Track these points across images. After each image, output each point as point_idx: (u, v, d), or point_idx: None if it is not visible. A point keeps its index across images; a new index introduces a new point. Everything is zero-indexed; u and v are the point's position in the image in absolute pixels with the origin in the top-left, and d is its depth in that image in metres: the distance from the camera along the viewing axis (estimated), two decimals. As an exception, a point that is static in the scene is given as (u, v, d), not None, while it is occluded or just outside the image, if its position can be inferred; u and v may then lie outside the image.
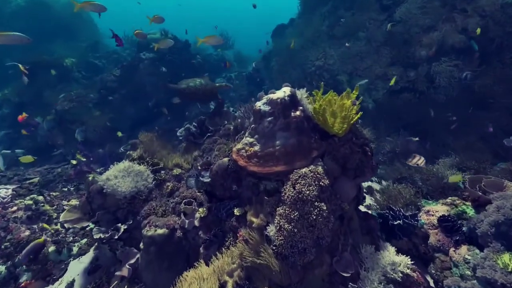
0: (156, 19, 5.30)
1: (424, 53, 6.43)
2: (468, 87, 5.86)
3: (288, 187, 2.35)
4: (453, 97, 5.98)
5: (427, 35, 6.45)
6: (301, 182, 2.27)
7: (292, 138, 2.56)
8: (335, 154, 2.65)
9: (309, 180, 2.26)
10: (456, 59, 6.06)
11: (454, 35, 6.17)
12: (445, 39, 6.29)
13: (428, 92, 6.24)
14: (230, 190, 3.02)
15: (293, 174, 2.39)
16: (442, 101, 6.03)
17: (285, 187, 2.39)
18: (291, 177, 2.38)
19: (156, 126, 7.23)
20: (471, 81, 5.57)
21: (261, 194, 2.84)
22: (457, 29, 6.17)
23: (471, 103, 5.89)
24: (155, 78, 7.51)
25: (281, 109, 2.61)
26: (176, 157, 4.04)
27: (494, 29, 5.89)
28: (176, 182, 3.64)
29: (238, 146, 2.89)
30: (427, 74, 6.34)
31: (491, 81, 5.75)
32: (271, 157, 2.56)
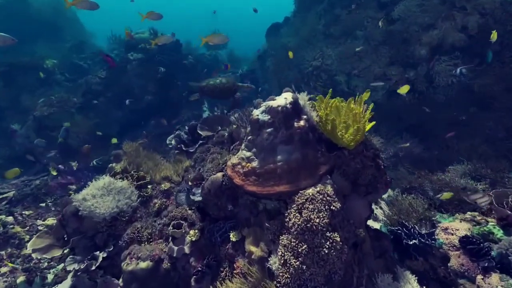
0: (152, 16, 4.78)
1: (424, 52, 6.15)
2: (467, 87, 5.62)
3: (293, 212, 1.96)
4: (453, 97, 5.73)
5: (426, 34, 6.16)
6: (308, 207, 1.88)
7: (296, 152, 2.17)
8: (345, 169, 2.28)
9: (318, 205, 1.88)
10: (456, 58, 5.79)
11: (454, 34, 5.90)
12: (445, 38, 6.01)
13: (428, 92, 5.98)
14: (225, 209, 2.62)
15: (298, 196, 2.01)
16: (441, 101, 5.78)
17: (290, 211, 2.00)
18: (296, 199, 2.00)
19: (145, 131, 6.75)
20: (466, 77, 5.33)
21: (261, 214, 2.45)
22: (457, 28, 5.90)
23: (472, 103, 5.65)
24: (144, 80, 7.00)
25: (282, 119, 2.22)
26: (165, 168, 3.61)
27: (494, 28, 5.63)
28: (164, 198, 3.21)
29: (233, 160, 2.48)
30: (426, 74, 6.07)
31: (490, 80, 5.51)
32: (272, 175, 2.17)
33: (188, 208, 3.04)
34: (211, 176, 2.62)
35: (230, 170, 2.46)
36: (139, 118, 6.95)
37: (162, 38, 4.69)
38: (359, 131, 2.04)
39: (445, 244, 2.50)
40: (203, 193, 2.60)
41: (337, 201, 1.95)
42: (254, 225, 2.46)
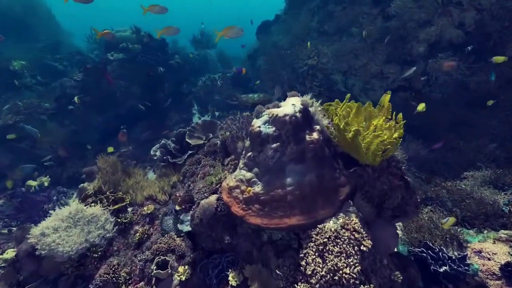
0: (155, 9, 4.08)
1: (422, 49, 5.85)
2: (462, 83, 5.36)
3: (312, 254, 1.48)
4: (449, 95, 5.46)
5: (423, 30, 5.85)
6: (333, 249, 1.40)
7: (310, 173, 1.68)
8: (369, 190, 1.82)
9: (346, 246, 1.40)
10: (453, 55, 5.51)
11: (451, 30, 5.61)
12: (442, 34, 5.71)
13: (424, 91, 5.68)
14: (221, 241, 2.10)
15: (317, 232, 1.53)
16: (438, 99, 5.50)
17: (307, 252, 1.52)
18: (315, 237, 1.52)
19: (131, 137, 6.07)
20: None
21: (266, 247, 1.95)
22: (454, 24, 5.62)
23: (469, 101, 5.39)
24: (127, 82, 6.31)
25: (291, 131, 1.73)
26: (149, 186, 3.04)
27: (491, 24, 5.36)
28: (147, 224, 2.65)
29: (230, 181, 1.97)
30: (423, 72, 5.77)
31: (487, 77, 5.27)
32: (281, 204, 1.67)
33: (176, 235, 2.50)
34: (202, 201, 2.09)
35: (227, 194, 1.94)
36: (122, 124, 6.26)
37: (169, 30, 4.01)
38: (392, 145, 1.58)
39: (481, 270, 2.09)
40: (193, 223, 2.06)
41: (367, 237, 1.48)
42: (257, 261, 1.96)
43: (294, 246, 1.81)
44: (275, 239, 1.93)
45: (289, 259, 1.70)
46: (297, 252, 1.75)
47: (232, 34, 3.55)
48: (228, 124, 2.34)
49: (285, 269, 1.63)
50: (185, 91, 8.06)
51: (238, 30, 3.56)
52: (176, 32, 4.10)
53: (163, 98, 7.18)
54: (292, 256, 1.73)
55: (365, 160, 1.74)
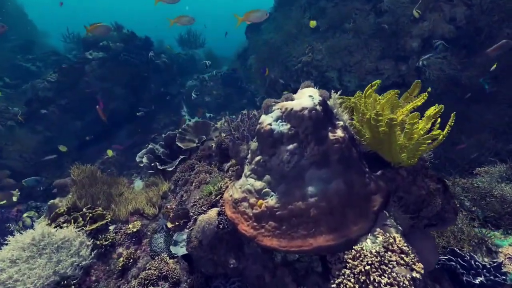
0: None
1: (416, 44, 5.74)
2: (454, 78, 5.29)
3: (351, 285, 1.12)
4: (442, 90, 5.37)
5: (416, 26, 5.74)
6: (379, 280, 1.06)
7: (336, 180, 1.34)
8: (403, 197, 1.50)
9: (395, 275, 1.06)
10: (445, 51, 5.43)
11: (443, 25, 5.53)
12: (435, 29, 5.62)
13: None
14: (225, 265, 1.71)
15: (354, 256, 1.18)
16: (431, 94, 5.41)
17: (343, 284, 1.16)
18: (352, 263, 1.17)
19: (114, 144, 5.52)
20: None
21: (280, 271, 1.59)
22: (446, 19, 5.55)
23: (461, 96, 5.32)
24: (108, 83, 5.75)
25: (311, 128, 1.38)
26: (134, 198, 2.59)
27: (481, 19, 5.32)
28: (133, 245, 2.20)
29: (234, 193, 1.59)
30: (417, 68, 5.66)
31: (478, 72, 5.22)
32: (303, 219, 1.31)
33: (168, 256, 2.07)
34: (201, 218, 1.69)
35: (231, 209, 1.56)
36: (104, 129, 5.69)
37: (183, 19, 3.58)
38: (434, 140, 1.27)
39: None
40: (190, 246, 1.66)
41: (417, 260, 1.15)
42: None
43: (317, 270, 1.46)
44: (291, 260, 1.57)
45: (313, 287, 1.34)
46: (323, 278, 1.40)
47: (255, 18, 3.25)
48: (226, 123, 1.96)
49: (311, 303, 1.27)
50: (173, 91, 7.56)
51: (263, 13, 3.27)
52: (190, 21, 3.66)
53: (150, 99, 6.66)
54: (317, 284, 1.37)
55: (399, 160, 1.42)
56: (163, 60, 7.08)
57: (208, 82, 7.90)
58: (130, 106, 6.24)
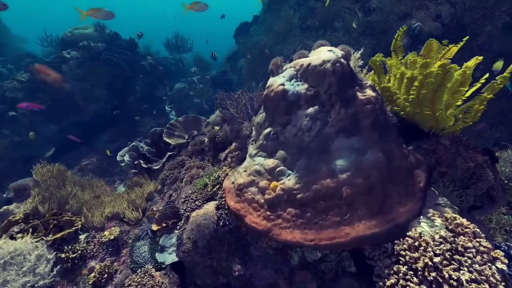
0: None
1: (405, 41, 5.75)
2: None
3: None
4: None
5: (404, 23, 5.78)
6: (459, 277, 0.73)
7: (372, 150, 1.03)
8: (447, 172, 1.21)
9: (479, 267, 0.74)
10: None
11: (430, 23, 5.60)
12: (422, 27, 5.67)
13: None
14: (227, 273, 1.32)
15: (410, 245, 0.85)
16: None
17: (397, 285, 0.82)
18: (409, 255, 0.84)
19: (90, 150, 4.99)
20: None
21: (300, 276, 1.24)
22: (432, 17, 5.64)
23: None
24: (88, 84, 5.28)
25: (335, 86, 1.08)
26: (113, 201, 2.14)
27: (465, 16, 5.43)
28: (110, 256, 1.75)
29: (238, 177, 1.24)
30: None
31: None
32: (333, 203, 0.98)
33: (154, 268, 1.64)
34: (195, 213, 1.31)
35: (234, 197, 1.20)
36: (83, 134, 5.16)
37: (197, 5, 3.37)
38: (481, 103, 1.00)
39: None
40: (182, 249, 1.27)
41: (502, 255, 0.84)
42: (289, 300, 1.22)
43: (350, 270, 1.12)
44: (312, 261, 1.22)
45: (351, 295, 0.99)
46: (360, 280, 1.06)
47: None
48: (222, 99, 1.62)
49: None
50: (160, 94, 7.15)
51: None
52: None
53: (135, 102, 6.21)
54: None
55: (444, 124, 1.14)
56: (149, 61, 6.71)
57: (197, 84, 7.57)
58: (114, 109, 5.75)
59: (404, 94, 1.16)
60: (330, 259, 1.20)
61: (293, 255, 1.28)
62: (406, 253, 0.84)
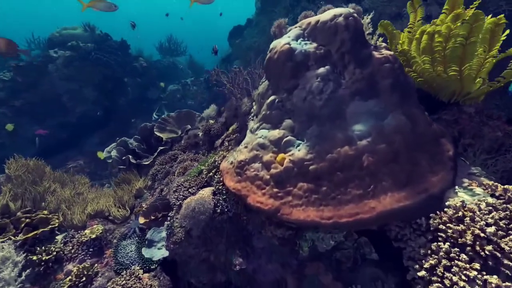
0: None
1: (398, 40, 5.82)
2: None
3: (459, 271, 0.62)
4: None
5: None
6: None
7: (394, 114, 0.89)
8: (472, 143, 1.08)
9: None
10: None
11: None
12: (414, 26, 5.76)
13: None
14: (227, 268, 1.13)
15: (450, 218, 0.69)
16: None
17: (436, 268, 0.66)
18: (449, 228, 0.68)
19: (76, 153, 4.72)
20: None
21: (311, 268, 1.07)
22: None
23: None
24: (76, 84, 5.05)
25: (349, 44, 0.94)
26: (97, 198, 1.92)
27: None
28: (91, 257, 1.53)
29: (238, 155, 1.07)
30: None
31: None
32: (352, 173, 0.82)
33: (142, 269, 1.43)
34: (188, 200, 1.13)
35: (234, 178, 1.03)
36: (71, 135, 4.89)
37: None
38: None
39: None
40: (173, 240, 1.08)
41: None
42: (299, 297, 1.03)
43: (371, 257, 0.95)
44: (324, 250, 1.05)
45: (377, 285, 0.82)
46: (385, 268, 0.89)
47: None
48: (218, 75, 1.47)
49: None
50: (152, 96, 6.95)
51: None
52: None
53: (126, 103, 5.99)
54: (378, 279, 0.86)
55: (470, 88, 1.02)
56: (141, 63, 6.54)
57: (191, 86, 7.42)
58: (104, 111, 5.52)
59: (423, 57, 1.04)
60: (346, 246, 1.03)
61: (302, 244, 1.10)
62: (448, 227, 0.69)
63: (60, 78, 4.94)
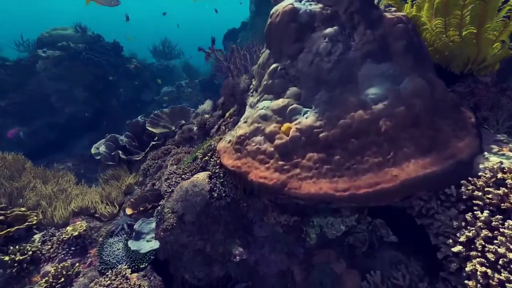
0: None
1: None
2: None
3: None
4: None
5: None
6: None
7: (411, 77, 0.80)
8: (489, 117, 1.00)
9: None
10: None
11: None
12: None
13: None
14: (225, 260, 0.99)
15: (486, 182, 0.59)
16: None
17: (476, 239, 0.55)
18: (490, 192, 0.57)
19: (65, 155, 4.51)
20: None
21: (320, 256, 0.94)
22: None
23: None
24: (66, 85, 4.88)
25: (357, 3, 0.85)
26: (81, 194, 1.76)
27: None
28: (72, 257, 1.36)
29: (237, 131, 0.96)
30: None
31: None
32: (369, 139, 0.72)
33: (129, 269, 1.27)
34: (182, 183, 1.00)
35: (233, 155, 0.91)
36: (59, 137, 4.68)
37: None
38: None
39: None
40: (163, 227, 0.94)
41: None
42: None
43: (389, 239, 0.84)
44: (334, 237, 0.93)
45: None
46: (405, 250, 0.78)
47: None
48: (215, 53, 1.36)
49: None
50: (146, 98, 6.80)
51: None
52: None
53: (118, 105, 5.82)
54: (400, 262, 0.74)
55: (487, 53, 0.94)
56: (134, 64, 6.42)
57: (185, 88, 7.30)
58: (95, 112, 5.34)
59: (436, 20, 0.96)
60: (359, 229, 0.92)
61: (309, 231, 0.99)
62: (486, 192, 0.59)
63: (49, 77, 4.76)
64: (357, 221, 0.95)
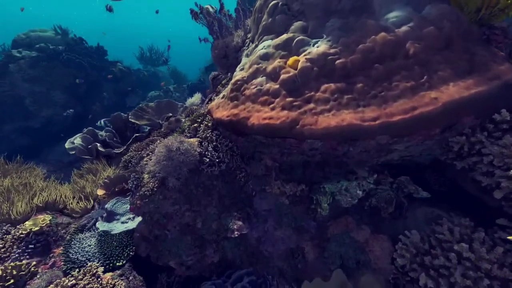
0: None
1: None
2: None
3: None
4: None
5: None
6: None
7: (432, 4, 0.68)
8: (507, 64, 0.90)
9: None
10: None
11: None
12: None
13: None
14: (218, 238, 0.79)
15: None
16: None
17: None
18: None
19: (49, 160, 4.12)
20: None
21: (335, 226, 0.79)
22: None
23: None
24: (43, 87, 4.56)
25: None
26: (47, 188, 1.50)
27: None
28: (30, 257, 1.10)
29: (236, 76, 0.80)
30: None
31: None
32: (395, 64, 0.58)
33: (102, 267, 1.03)
34: (164, 140, 0.82)
35: (227, 106, 0.75)
36: (33, 143, 4.29)
37: None
38: None
39: None
40: (141, 193, 0.73)
41: None
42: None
43: (419, 195, 0.69)
44: (349, 205, 0.78)
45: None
46: (441, 207, 0.63)
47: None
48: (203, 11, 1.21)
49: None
50: (131, 103, 6.51)
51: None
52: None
53: (101, 109, 5.51)
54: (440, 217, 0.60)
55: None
56: (119, 68, 6.18)
57: (173, 93, 7.10)
58: (76, 116, 4.99)
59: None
60: (381, 189, 0.77)
61: (320, 200, 0.83)
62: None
63: (24, 79, 4.42)
64: (376, 183, 0.80)
